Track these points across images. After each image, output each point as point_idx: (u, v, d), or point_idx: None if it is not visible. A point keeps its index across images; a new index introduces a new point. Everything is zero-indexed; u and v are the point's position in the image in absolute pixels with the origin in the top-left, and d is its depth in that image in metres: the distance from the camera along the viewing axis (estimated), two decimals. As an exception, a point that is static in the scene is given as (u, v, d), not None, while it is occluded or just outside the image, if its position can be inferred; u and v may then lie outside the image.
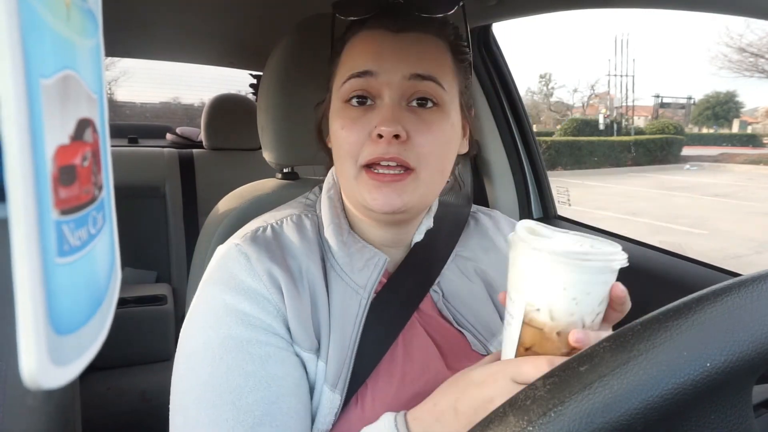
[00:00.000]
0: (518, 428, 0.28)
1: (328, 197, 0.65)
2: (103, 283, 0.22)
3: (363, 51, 0.58)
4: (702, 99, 31.62)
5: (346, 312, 0.57)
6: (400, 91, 0.56)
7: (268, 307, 0.54)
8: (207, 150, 2.07)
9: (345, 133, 0.57)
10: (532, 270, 0.41)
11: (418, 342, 0.60)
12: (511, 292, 0.44)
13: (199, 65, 2.15)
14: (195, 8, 1.31)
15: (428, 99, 0.57)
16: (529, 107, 5.22)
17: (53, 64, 0.17)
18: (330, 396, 0.54)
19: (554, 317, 0.40)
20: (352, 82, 0.57)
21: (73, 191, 0.18)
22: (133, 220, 1.85)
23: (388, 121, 0.53)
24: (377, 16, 0.59)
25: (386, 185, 0.55)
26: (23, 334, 0.15)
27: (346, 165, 0.57)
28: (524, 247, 0.41)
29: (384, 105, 0.56)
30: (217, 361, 0.52)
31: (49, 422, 0.69)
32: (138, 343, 1.66)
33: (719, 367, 0.28)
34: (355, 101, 0.57)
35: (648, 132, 21.26)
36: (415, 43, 0.57)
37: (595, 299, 0.41)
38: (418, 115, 0.56)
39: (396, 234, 0.63)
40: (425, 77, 0.56)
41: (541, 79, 31.94)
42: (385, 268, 0.60)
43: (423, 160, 0.56)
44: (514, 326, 0.43)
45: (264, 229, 0.60)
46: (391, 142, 0.54)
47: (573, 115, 28.21)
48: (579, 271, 0.39)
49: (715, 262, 1.01)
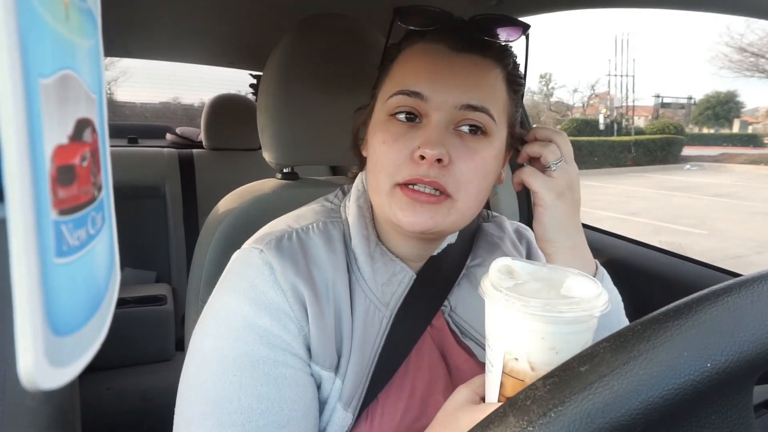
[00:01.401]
0: (518, 428, 0.28)
1: (357, 206, 0.61)
2: (102, 283, 0.22)
3: (417, 68, 0.55)
4: (702, 99, 31.62)
5: (368, 330, 0.56)
6: (449, 117, 0.54)
7: (289, 325, 0.52)
8: (207, 150, 2.07)
9: (386, 149, 0.54)
10: (507, 321, 0.39)
11: (429, 357, 0.59)
12: (489, 339, 0.42)
13: (199, 65, 2.15)
14: (195, 8, 1.31)
15: (477, 127, 0.55)
16: (529, 107, 5.20)
17: (52, 64, 0.17)
18: (342, 414, 0.53)
19: (534, 367, 0.39)
20: (399, 98, 0.54)
21: (72, 191, 0.18)
22: (133, 220, 1.85)
23: (432, 144, 0.51)
24: (439, 30, 0.56)
25: (420, 205, 0.53)
26: (21, 334, 0.15)
27: (381, 180, 0.55)
28: (498, 297, 0.39)
29: (431, 125, 0.53)
30: (229, 377, 0.50)
31: (49, 423, 0.69)
32: (138, 343, 1.66)
33: (720, 367, 0.28)
34: (402, 116, 0.55)
35: (648, 132, 21.27)
36: (472, 68, 0.55)
37: (575, 347, 0.38)
38: (464, 140, 0.54)
39: (424, 249, 0.62)
40: (477, 108, 0.53)
41: (541, 79, 31.94)
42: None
43: (462, 188, 0.54)
44: (494, 374, 0.41)
45: (290, 236, 0.57)
46: (432, 165, 0.52)
47: (573, 115, 28.22)
48: (555, 323, 0.38)
49: (716, 262, 1.01)
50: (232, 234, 0.81)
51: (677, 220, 8.94)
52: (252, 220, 0.69)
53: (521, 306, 0.38)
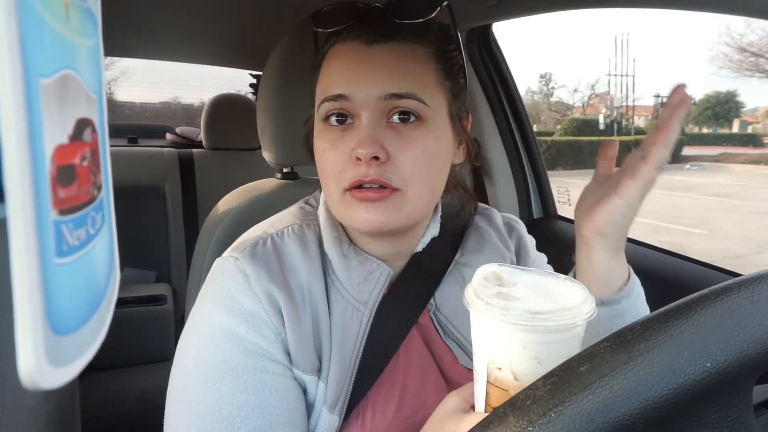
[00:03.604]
0: (518, 428, 0.28)
1: (325, 209, 0.61)
2: (102, 283, 0.22)
3: (335, 71, 0.55)
4: (702, 99, 31.59)
5: (347, 331, 0.55)
6: (377, 111, 0.53)
7: (266, 331, 0.52)
8: (207, 150, 2.07)
9: (326, 157, 0.54)
10: (489, 329, 0.38)
11: (418, 354, 0.59)
12: (474, 349, 0.41)
13: (199, 65, 2.15)
14: (195, 8, 1.31)
15: (410, 113, 0.53)
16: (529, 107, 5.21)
17: (52, 64, 0.17)
18: (328, 417, 0.53)
19: (518, 377, 0.38)
20: (327, 104, 0.54)
21: (72, 191, 0.18)
22: (133, 220, 1.85)
23: (364, 143, 0.51)
24: (352, 27, 0.55)
25: (371, 203, 0.52)
26: (21, 334, 0.15)
27: (331, 188, 0.55)
28: (479, 305, 0.38)
29: (361, 125, 0.53)
30: (209, 387, 0.50)
31: (49, 422, 0.69)
32: (138, 343, 1.66)
33: (720, 367, 0.28)
34: (334, 120, 0.54)
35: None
36: (388, 57, 0.53)
37: (561, 356, 0.35)
38: (400, 132, 0.53)
39: (395, 246, 0.61)
40: (402, 95, 0.52)
41: (541, 78, 31.96)
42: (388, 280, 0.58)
43: (408, 179, 0.53)
44: (480, 383, 0.40)
45: (264, 242, 0.57)
46: (370, 164, 0.51)
47: (573, 115, 28.22)
48: (537, 332, 0.36)
49: (716, 262, 1.01)
50: (232, 234, 0.81)
51: (677, 219, 8.94)
52: (252, 220, 0.69)
53: (501, 314, 0.36)
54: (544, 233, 1.35)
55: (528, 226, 1.45)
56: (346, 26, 0.56)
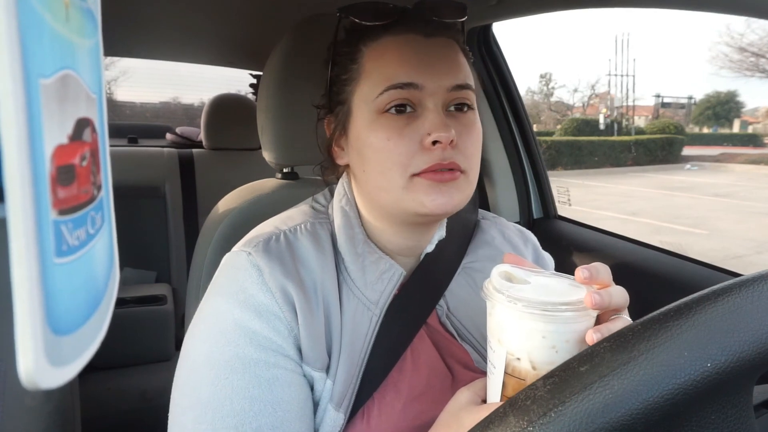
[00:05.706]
0: (518, 428, 0.28)
1: (340, 206, 0.62)
2: (102, 283, 0.22)
3: (399, 60, 0.55)
4: (703, 99, 31.59)
5: (357, 330, 0.56)
6: (442, 100, 0.55)
7: (279, 326, 0.52)
8: (207, 150, 2.07)
9: (392, 145, 0.54)
10: (510, 321, 0.42)
11: (426, 356, 0.59)
12: (492, 342, 0.44)
13: (199, 65, 2.15)
14: (195, 8, 1.31)
15: (465, 104, 0.57)
16: (529, 107, 5.21)
17: (52, 64, 0.17)
18: (333, 415, 0.53)
19: (535, 366, 0.41)
20: (391, 93, 0.54)
21: (72, 191, 0.18)
22: (133, 220, 1.85)
23: (442, 128, 0.53)
24: (403, 20, 0.57)
25: (445, 184, 0.54)
26: (21, 334, 0.15)
27: (393, 175, 0.55)
28: (500, 298, 0.41)
29: (431, 111, 0.54)
30: (221, 380, 0.50)
31: (49, 422, 0.69)
32: (138, 343, 1.66)
33: (720, 367, 0.28)
34: (393, 111, 0.55)
35: (648, 132, 21.27)
36: (447, 50, 0.57)
37: (574, 346, 0.41)
38: (458, 119, 0.56)
39: (416, 240, 0.61)
40: (464, 87, 0.56)
41: (541, 78, 31.96)
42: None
43: (470, 161, 0.56)
44: (496, 375, 0.43)
45: (277, 238, 0.57)
46: (446, 148, 0.53)
47: (573, 115, 28.21)
48: (555, 321, 0.40)
49: (716, 262, 1.00)
50: (232, 234, 0.81)
51: (677, 219, 8.94)
52: (252, 220, 0.69)
53: (523, 306, 0.40)
54: (544, 233, 1.35)
55: (528, 226, 1.45)
56: (396, 20, 0.57)
